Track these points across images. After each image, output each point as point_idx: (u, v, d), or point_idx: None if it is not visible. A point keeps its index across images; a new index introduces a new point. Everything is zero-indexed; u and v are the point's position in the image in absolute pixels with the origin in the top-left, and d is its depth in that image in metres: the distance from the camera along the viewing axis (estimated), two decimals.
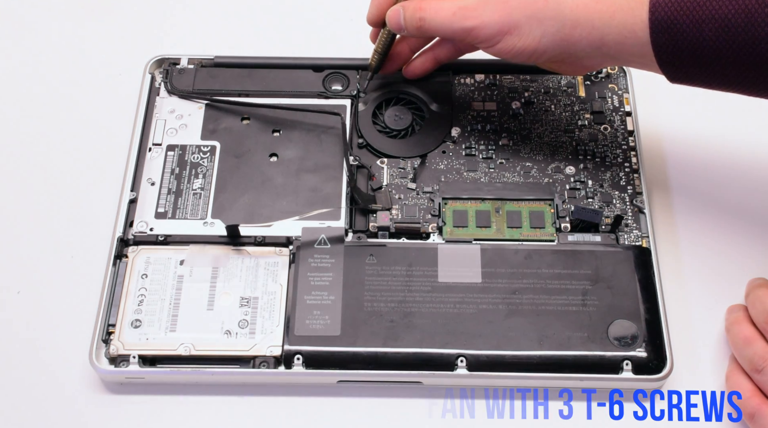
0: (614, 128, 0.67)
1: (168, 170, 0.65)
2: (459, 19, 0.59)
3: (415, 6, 0.61)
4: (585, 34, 0.57)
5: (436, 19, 0.60)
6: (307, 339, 0.57)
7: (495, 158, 0.65)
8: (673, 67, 0.56)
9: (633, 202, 0.63)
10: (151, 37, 0.75)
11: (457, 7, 0.59)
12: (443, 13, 0.60)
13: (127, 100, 0.69)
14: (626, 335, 0.57)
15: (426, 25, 0.61)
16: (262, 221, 0.62)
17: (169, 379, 0.58)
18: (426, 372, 0.57)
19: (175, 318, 0.58)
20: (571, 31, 0.57)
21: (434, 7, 0.60)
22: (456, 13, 0.59)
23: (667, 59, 0.55)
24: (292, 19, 0.76)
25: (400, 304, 0.58)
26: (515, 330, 0.58)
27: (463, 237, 0.62)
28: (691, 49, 0.54)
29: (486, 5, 0.59)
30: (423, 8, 0.61)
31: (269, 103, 0.67)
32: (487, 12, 0.59)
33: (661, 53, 0.55)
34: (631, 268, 0.60)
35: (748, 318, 0.57)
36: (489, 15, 0.58)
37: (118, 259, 0.61)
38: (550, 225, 0.62)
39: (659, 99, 0.70)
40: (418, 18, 0.61)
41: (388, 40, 0.65)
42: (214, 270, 0.60)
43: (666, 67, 0.56)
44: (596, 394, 0.58)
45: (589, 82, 0.69)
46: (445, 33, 0.61)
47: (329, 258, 0.60)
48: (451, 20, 0.59)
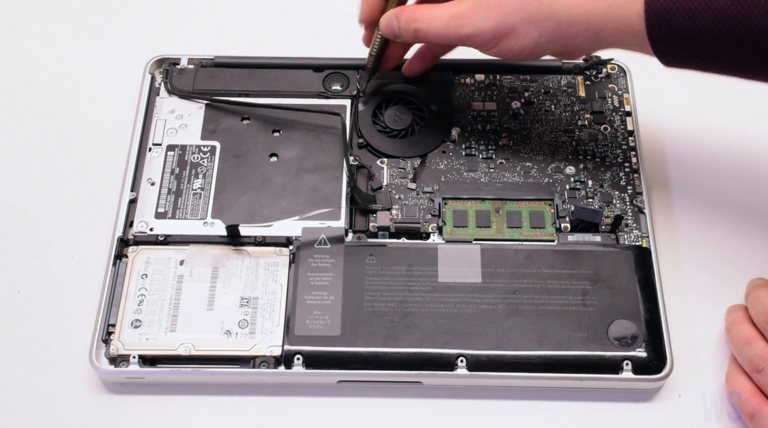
0: (614, 128, 0.67)
1: (168, 170, 0.65)
2: (454, 28, 0.59)
3: (408, 16, 0.61)
4: (581, 31, 0.57)
5: (430, 29, 0.60)
6: (307, 339, 0.57)
7: (495, 158, 0.66)
8: (669, 56, 0.56)
9: (633, 202, 0.63)
10: (151, 37, 0.75)
11: (450, 16, 0.59)
12: (437, 23, 0.59)
13: (127, 100, 0.69)
14: (626, 335, 0.57)
15: (421, 35, 0.61)
16: (262, 221, 0.62)
17: (169, 379, 0.58)
18: (426, 372, 0.57)
19: (175, 318, 0.58)
20: (568, 29, 0.57)
21: (428, 16, 0.60)
22: (450, 23, 0.59)
23: (663, 50, 0.55)
24: (292, 19, 0.77)
25: (400, 304, 0.58)
26: (515, 330, 0.58)
27: (463, 237, 0.62)
28: (688, 40, 0.54)
29: (479, 11, 0.58)
30: (416, 18, 0.60)
31: (269, 103, 0.67)
32: (480, 18, 0.58)
33: (658, 44, 0.55)
34: (631, 268, 0.60)
35: (748, 318, 0.57)
36: (483, 21, 0.58)
37: (118, 259, 0.61)
38: (550, 225, 0.62)
39: (659, 99, 0.70)
40: (413, 29, 0.60)
41: (382, 43, 0.65)
42: (214, 270, 0.60)
43: (662, 56, 0.56)
44: (596, 394, 0.58)
45: (589, 82, 0.69)
46: (441, 41, 0.61)
47: (329, 258, 0.60)
48: (446, 29, 0.59)
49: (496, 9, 0.58)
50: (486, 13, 0.58)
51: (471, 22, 0.58)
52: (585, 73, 0.70)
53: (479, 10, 0.58)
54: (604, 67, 0.69)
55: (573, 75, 0.69)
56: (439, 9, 0.60)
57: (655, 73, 0.72)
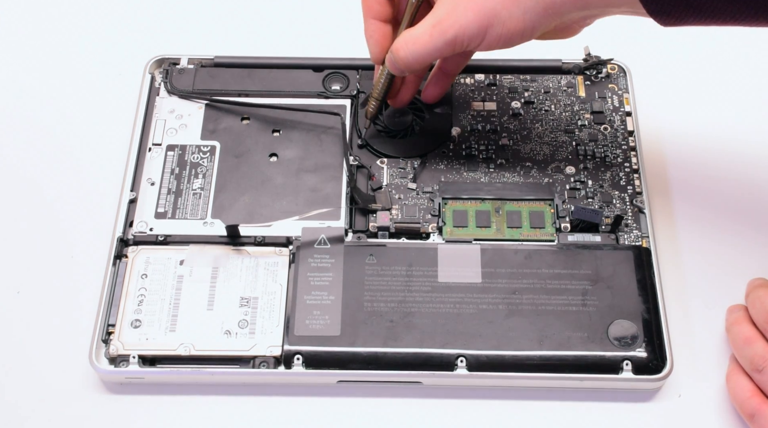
0: (614, 128, 0.67)
1: (168, 170, 0.65)
2: (438, 35, 0.57)
3: (395, 47, 0.59)
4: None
5: (416, 50, 0.58)
6: (306, 339, 0.57)
7: (495, 158, 0.65)
8: (663, 13, 0.53)
9: (633, 202, 0.63)
10: (151, 37, 0.75)
11: (431, 27, 0.57)
12: (420, 40, 0.58)
13: (127, 100, 0.69)
14: (626, 335, 0.57)
15: (410, 61, 0.59)
16: (262, 221, 0.62)
17: (169, 379, 0.58)
18: (426, 372, 0.57)
19: (175, 318, 0.58)
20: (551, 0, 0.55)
21: (411, 38, 0.58)
22: (432, 33, 0.57)
23: (656, 8, 0.53)
24: (292, 19, 0.77)
25: (400, 304, 0.58)
26: (515, 330, 0.58)
27: (463, 237, 0.62)
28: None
29: (456, 10, 0.57)
30: (400, 47, 0.59)
31: (269, 103, 0.67)
32: (460, 15, 0.56)
33: (650, 2, 0.52)
34: (631, 268, 0.60)
35: (748, 318, 0.57)
36: (463, 16, 0.56)
37: (118, 259, 0.61)
38: (550, 225, 0.62)
39: (659, 99, 0.70)
40: (400, 60, 0.59)
41: (388, 81, 0.63)
42: (214, 270, 0.60)
43: (656, 14, 0.53)
44: (596, 394, 0.58)
45: (589, 82, 0.69)
46: (433, 55, 0.58)
47: (329, 258, 0.60)
48: (432, 41, 0.57)
49: (472, 2, 0.56)
50: (464, 8, 0.56)
51: (452, 23, 0.57)
52: (585, 73, 0.70)
53: (456, 9, 0.57)
54: (604, 67, 0.69)
55: (573, 75, 0.69)
56: (418, 27, 0.58)
57: (655, 73, 0.72)
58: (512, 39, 0.57)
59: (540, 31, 0.57)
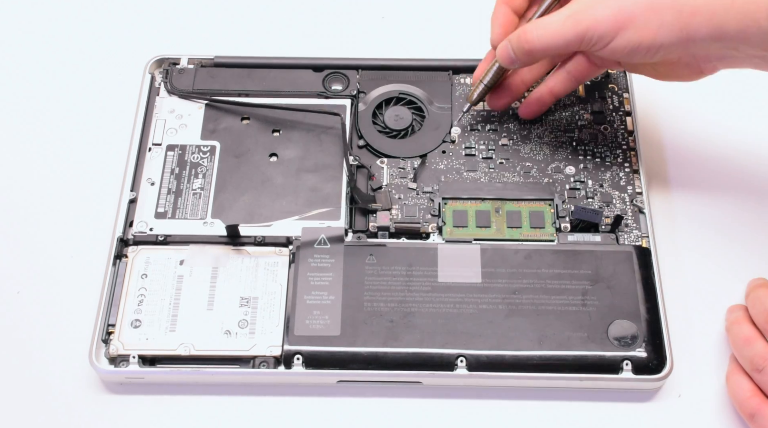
0: (614, 128, 0.67)
1: (168, 170, 0.65)
2: (571, 24, 0.57)
3: (520, 33, 0.59)
4: (704, 22, 0.54)
5: (545, 35, 0.58)
6: (306, 339, 0.57)
7: (495, 158, 0.65)
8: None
9: (633, 202, 0.63)
10: (151, 37, 0.75)
11: (565, 17, 0.57)
12: (552, 26, 0.58)
13: (127, 100, 0.69)
14: (626, 335, 0.57)
15: (536, 46, 0.58)
16: (262, 221, 0.62)
17: (169, 379, 0.58)
18: (426, 372, 0.57)
19: (175, 318, 0.58)
20: (690, 19, 0.54)
21: (541, 24, 0.58)
22: (566, 22, 0.57)
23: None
24: (292, 19, 0.76)
25: (400, 304, 0.58)
26: (515, 330, 0.58)
27: (463, 238, 0.62)
28: None
29: (595, 4, 0.57)
30: (526, 31, 0.59)
31: (269, 103, 0.67)
32: (598, 9, 0.56)
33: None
34: (631, 268, 0.60)
35: (748, 318, 0.57)
36: (602, 11, 0.56)
37: (118, 259, 0.61)
38: (550, 225, 0.62)
39: (659, 99, 0.70)
40: (527, 42, 0.58)
41: (498, 73, 0.64)
42: (213, 270, 0.60)
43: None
44: (596, 394, 0.58)
45: (589, 82, 0.69)
46: (559, 45, 0.58)
47: (329, 258, 0.60)
48: (563, 29, 0.57)
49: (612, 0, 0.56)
50: (604, 4, 0.56)
51: (588, 15, 0.56)
52: None
53: (595, 4, 0.57)
54: None
55: None
56: (552, 15, 0.58)
57: None
58: (638, 50, 0.56)
59: (664, 52, 0.57)
